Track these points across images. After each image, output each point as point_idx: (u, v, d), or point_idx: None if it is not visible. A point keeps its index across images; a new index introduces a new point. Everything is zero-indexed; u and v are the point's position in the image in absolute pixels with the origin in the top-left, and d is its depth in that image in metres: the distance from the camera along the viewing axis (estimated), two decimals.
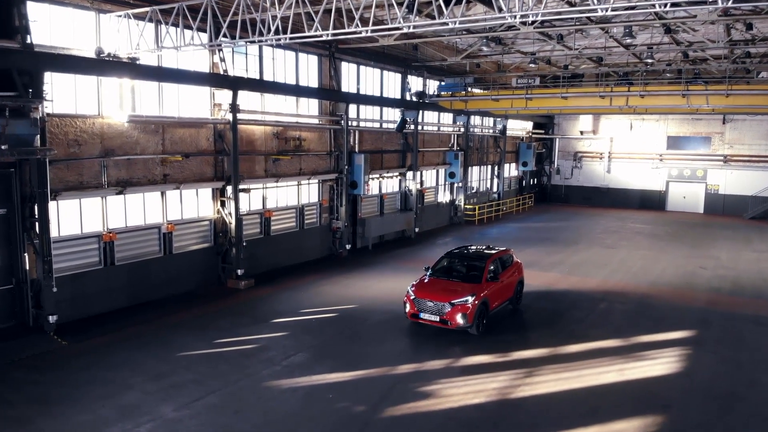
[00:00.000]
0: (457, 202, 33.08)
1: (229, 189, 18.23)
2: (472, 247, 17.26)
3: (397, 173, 27.49)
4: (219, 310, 16.13)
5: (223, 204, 18.47)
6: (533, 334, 14.64)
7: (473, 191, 35.36)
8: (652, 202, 41.54)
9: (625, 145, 42.13)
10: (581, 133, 43.22)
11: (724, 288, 19.53)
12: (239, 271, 18.26)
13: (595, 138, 42.98)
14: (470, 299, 13.86)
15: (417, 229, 28.07)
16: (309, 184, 22.35)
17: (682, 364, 12.77)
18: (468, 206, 33.43)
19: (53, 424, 9.69)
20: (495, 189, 38.64)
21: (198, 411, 10.14)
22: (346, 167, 23.15)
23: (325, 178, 22.85)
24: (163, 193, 16.95)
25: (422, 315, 14.17)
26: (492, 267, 15.24)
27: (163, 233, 17.01)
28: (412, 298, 14.39)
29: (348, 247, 23.53)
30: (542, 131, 44.12)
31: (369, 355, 12.93)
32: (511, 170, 41.16)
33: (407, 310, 14.49)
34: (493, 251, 16.43)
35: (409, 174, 27.94)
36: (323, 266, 21.50)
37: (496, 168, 38.51)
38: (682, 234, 30.77)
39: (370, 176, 24.64)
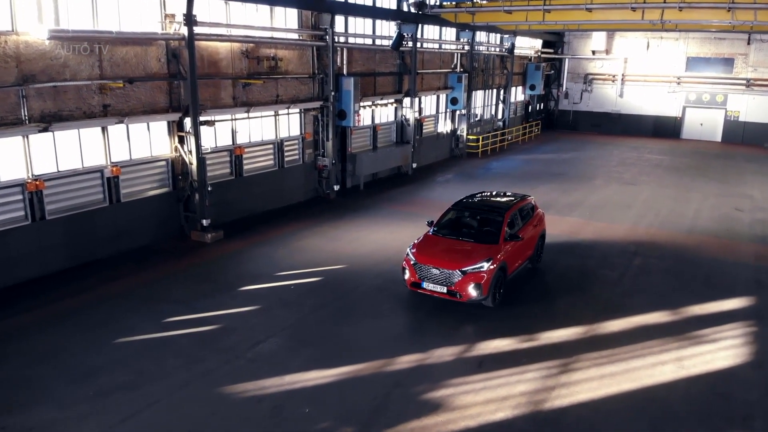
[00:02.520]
0: (459, 132, 29.70)
1: (188, 121, 14.92)
2: (479, 195, 14.19)
3: (393, 100, 23.96)
4: (177, 272, 13.34)
5: (181, 140, 15.24)
6: (561, 305, 11.96)
7: (477, 119, 31.90)
8: (666, 129, 38.60)
9: (640, 67, 38.88)
10: (593, 53, 39.56)
11: None
12: (204, 222, 15.32)
13: (607, 58, 39.38)
14: (486, 265, 11.08)
15: (414, 165, 24.95)
16: (288, 114, 18.96)
17: (748, 348, 10.21)
18: (471, 137, 30.12)
19: None
20: (500, 116, 35.14)
21: None
22: (333, 93, 19.68)
23: (307, 107, 19.44)
24: (104, 129, 13.70)
25: (425, 284, 11.40)
26: (510, 221, 12.39)
27: (107, 178, 13.90)
28: (412, 263, 11.55)
29: (336, 187, 20.46)
30: (551, 51, 40.12)
31: (359, 339, 10.26)
32: (517, 94, 37.52)
33: (406, 277, 11.70)
34: (511, 200, 13.51)
35: (407, 101, 24.43)
36: (307, 212, 18.55)
37: (501, 92, 34.85)
38: (704, 167, 28.00)
39: (361, 104, 21.22)
